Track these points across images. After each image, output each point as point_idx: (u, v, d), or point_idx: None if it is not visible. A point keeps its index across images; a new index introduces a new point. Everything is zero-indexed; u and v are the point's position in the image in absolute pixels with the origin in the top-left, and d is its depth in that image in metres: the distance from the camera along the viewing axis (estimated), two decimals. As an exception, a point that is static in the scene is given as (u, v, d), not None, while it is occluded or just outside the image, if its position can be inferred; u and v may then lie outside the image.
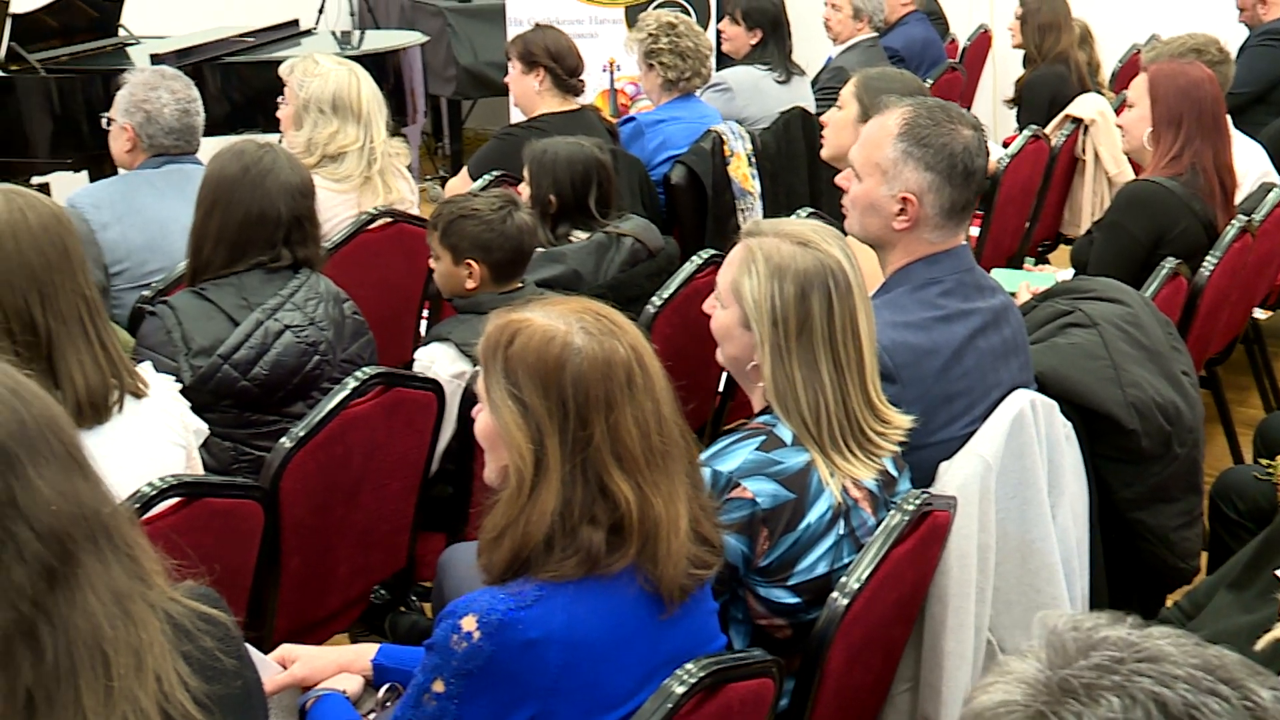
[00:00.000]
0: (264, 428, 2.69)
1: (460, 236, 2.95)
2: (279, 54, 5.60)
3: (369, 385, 2.55)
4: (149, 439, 2.23)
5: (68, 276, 2.13)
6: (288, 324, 2.70)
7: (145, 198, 3.38)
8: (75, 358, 2.12)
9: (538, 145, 3.47)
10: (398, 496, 2.77)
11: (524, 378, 1.72)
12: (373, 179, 3.71)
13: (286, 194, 2.75)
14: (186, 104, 3.51)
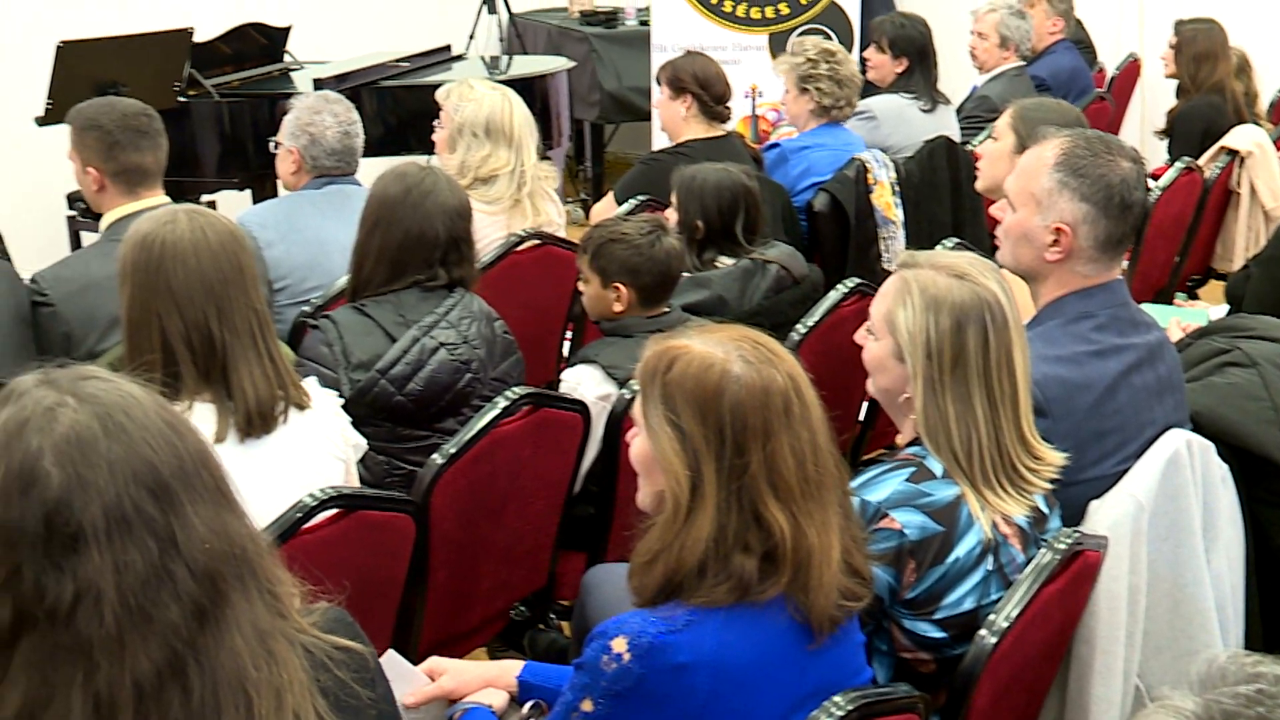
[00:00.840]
0: (416, 443, 2.73)
1: (609, 260, 2.97)
2: (432, 78, 5.71)
3: (518, 405, 2.57)
4: (311, 450, 2.28)
5: (242, 292, 2.19)
6: (443, 341, 2.74)
7: (307, 217, 3.47)
8: (247, 370, 2.18)
9: (686, 171, 3.48)
10: (541, 515, 2.79)
11: (682, 404, 1.72)
12: (522, 202, 3.76)
13: (445, 215, 2.80)
14: (347, 127, 3.60)
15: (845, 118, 4.60)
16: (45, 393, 1.25)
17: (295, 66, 5.97)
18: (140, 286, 2.16)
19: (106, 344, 2.91)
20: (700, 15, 6.53)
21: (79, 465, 1.21)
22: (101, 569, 1.19)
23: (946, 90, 5.20)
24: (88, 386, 1.26)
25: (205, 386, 2.19)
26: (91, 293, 2.97)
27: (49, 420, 1.22)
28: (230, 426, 2.17)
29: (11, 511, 1.20)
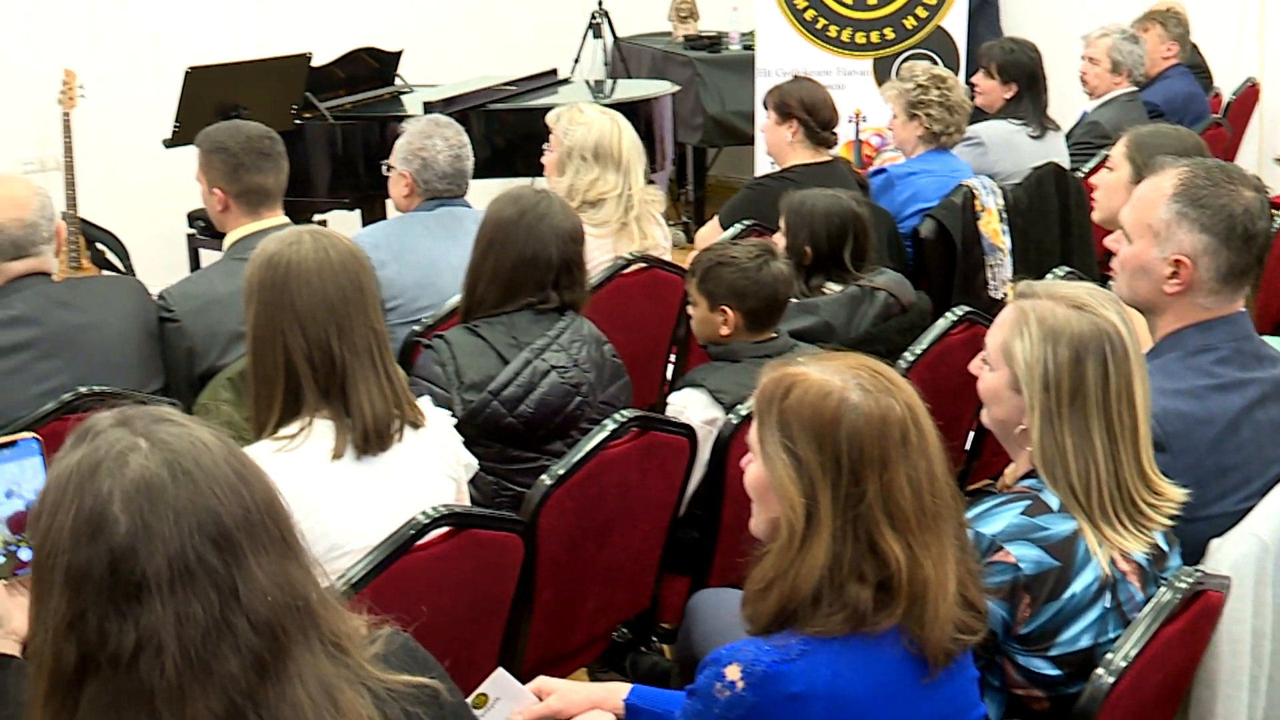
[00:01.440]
0: (525, 464, 2.74)
1: (717, 283, 2.97)
2: (539, 102, 5.76)
3: (626, 427, 2.57)
4: (424, 469, 2.29)
5: (361, 311, 2.22)
6: (554, 364, 2.75)
7: (419, 239, 3.51)
8: (365, 388, 2.21)
9: (795, 196, 3.47)
10: (646, 538, 2.78)
11: (799, 431, 1.71)
12: (629, 225, 3.77)
13: (558, 239, 2.81)
14: (458, 149, 3.63)
15: (953, 144, 4.55)
16: (120, 434, 1.25)
17: (406, 90, 6.05)
18: (266, 304, 2.20)
19: (227, 359, 2.97)
20: (805, 40, 6.50)
21: (146, 513, 1.20)
22: (163, 619, 1.19)
23: (1056, 116, 5.13)
24: (161, 430, 1.26)
25: (325, 404, 2.21)
26: (214, 309, 3.03)
27: (120, 464, 1.22)
28: (348, 443, 2.19)
29: (80, 555, 1.20)
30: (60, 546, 1.21)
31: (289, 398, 2.22)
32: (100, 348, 2.89)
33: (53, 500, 1.23)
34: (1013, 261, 4.43)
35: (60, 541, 1.21)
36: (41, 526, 1.23)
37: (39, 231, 2.88)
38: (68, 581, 1.20)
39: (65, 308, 2.87)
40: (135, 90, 5.94)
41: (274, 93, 5.11)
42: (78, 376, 2.79)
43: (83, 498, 1.21)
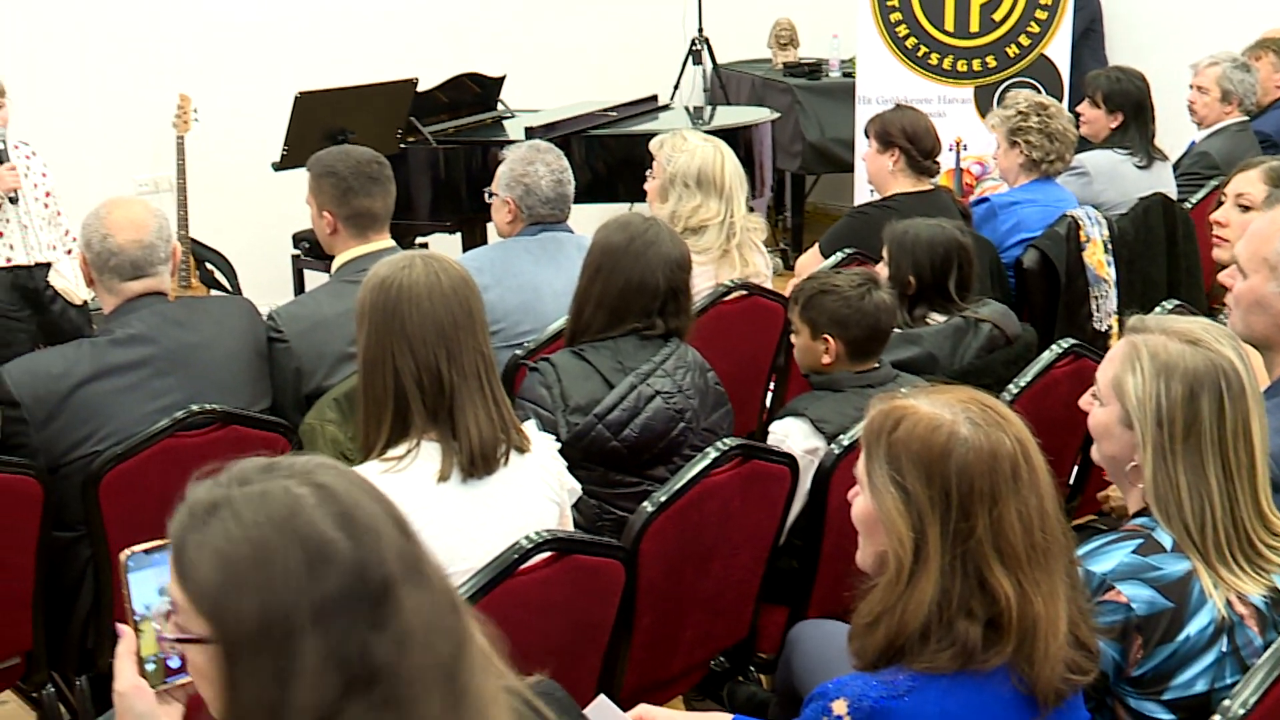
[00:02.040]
0: (627, 489, 2.75)
1: (819, 311, 2.96)
2: (639, 127, 5.80)
3: (729, 455, 2.56)
4: (529, 493, 2.31)
5: (470, 335, 2.25)
6: (658, 390, 2.76)
7: (522, 263, 3.54)
8: (472, 412, 2.23)
9: (899, 226, 3.45)
10: (746, 567, 2.77)
11: (908, 464, 1.69)
12: (731, 252, 3.77)
13: (666, 266, 2.83)
14: (560, 175, 3.66)
15: (1057, 173, 4.49)
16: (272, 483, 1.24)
17: (507, 115, 6.12)
18: (377, 326, 2.23)
19: (333, 380, 3.01)
20: (905, 68, 6.47)
21: (356, 524, 1.21)
22: (413, 611, 1.20)
23: (1164, 146, 5.04)
24: (283, 466, 1.27)
25: (432, 426, 2.24)
26: (321, 330, 3.08)
27: (299, 497, 1.22)
28: (454, 466, 2.21)
29: (324, 583, 1.18)
30: (298, 587, 1.18)
31: (397, 419, 2.25)
32: (212, 366, 2.94)
33: (254, 562, 1.19)
34: (1118, 294, 4.36)
35: (296, 583, 1.18)
36: (252, 592, 1.19)
37: (156, 252, 2.95)
38: (319, 617, 1.18)
39: (180, 327, 2.93)
40: (245, 115, 6.07)
41: (380, 117, 5.20)
42: (190, 394, 2.85)
43: (294, 536, 1.20)
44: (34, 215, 4.64)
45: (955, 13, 6.35)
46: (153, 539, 1.56)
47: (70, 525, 2.76)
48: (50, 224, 4.73)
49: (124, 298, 2.93)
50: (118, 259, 2.89)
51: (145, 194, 5.89)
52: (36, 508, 2.67)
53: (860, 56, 6.49)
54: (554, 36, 7.23)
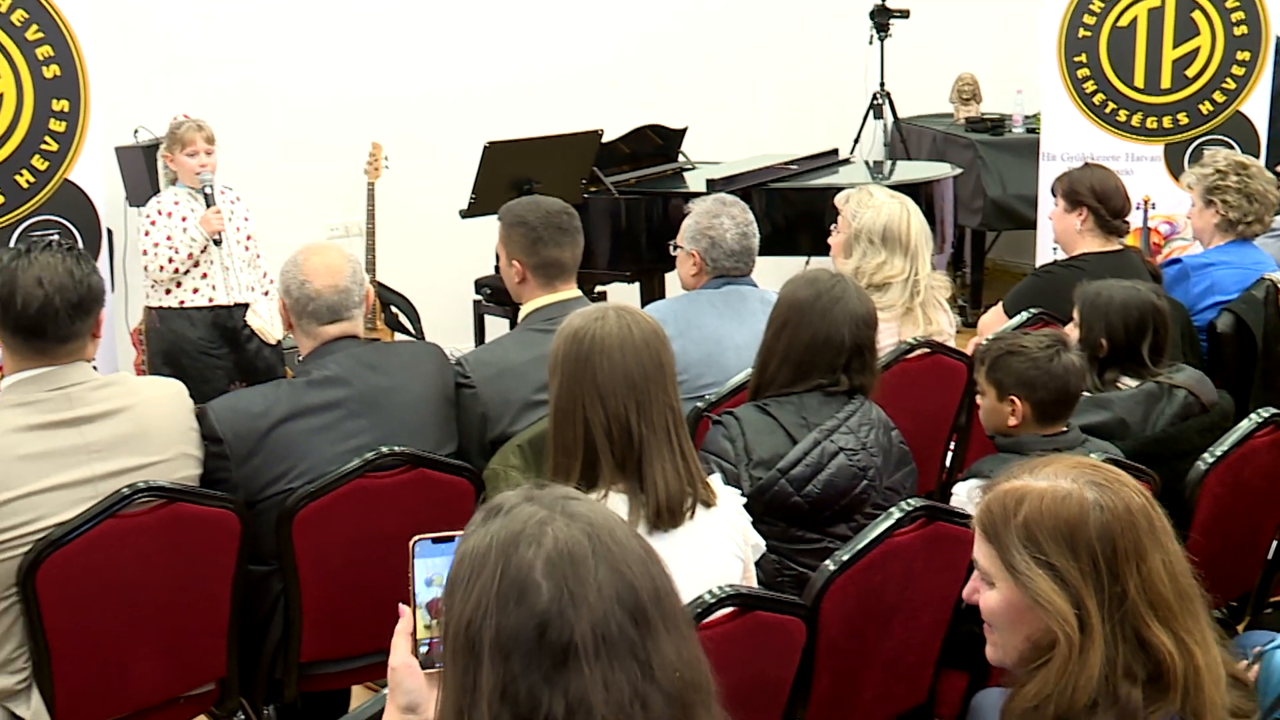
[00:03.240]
0: (808, 545, 2.73)
1: (1006, 372, 2.92)
2: (820, 181, 5.80)
3: (913, 516, 2.53)
4: (713, 547, 2.32)
5: (660, 387, 2.27)
6: (842, 446, 2.75)
7: (705, 316, 3.57)
8: (660, 464, 2.25)
9: (1091, 287, 3.38)
10: (927, 630, 2.73)
11: (1049, 542, 1.66)
12: (914, 310, 3.74)
13: (852, 322, 2.82)
14: (744, 229, 3.68)
15: (1255, 234, 4.35)
16: (533, 508, 1.29)
17: (689, 166, 6.19)
18: (569, 377, 2.27)
19: (518, 426, 3.07)
20: (1093, 124, 6.34)
21: (569, 581, 1.23)
22: (592, 686, 1.21)
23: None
24: (572, 505, 1.30)
25: (620, 477, 2.26)
26: (508, 377, 3.14)
27: (539, 533, 1.26)
28: (640, 518, 2.23)
29: (508, 619, 1.23)
30: (487, 611, 1.24)
31: (586, 469, 2.28)
32: (402, 410, 3.02)
33: (473, 569, 1.27)
34: (1319, 361, 4.19)
35: (486, 606, 1.24)
36: (461, 595, 1.26)
37: (351, 297, 3.05)
38: (496, 647, 1.23)
39: (373, 370, 3.02)
40: (433, 162, 6.26)
41: (565, 167, 5.31)
42: (380, 436, 2.93)
43: (506, 564, 1.24)
44: (236, 257, 4.85)
45: (1146, 69, 6.21)
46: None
47: (264, 559, 2.86)
48: (250, 266, 4.94)
49: (320, 340, 3.03)
50: (315, 304, 3.00)
51: (336, 238, 6.11)
52: (234, 541, 2.78)
53: (1045, 112, 6.38)
54: (735, 89, 7.30)
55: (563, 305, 3.26)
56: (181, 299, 4.80)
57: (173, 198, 4.83)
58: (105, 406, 2.67)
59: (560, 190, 4.41)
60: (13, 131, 4.47)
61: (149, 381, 2.92)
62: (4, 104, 4.45)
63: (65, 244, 2.75)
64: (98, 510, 2.57)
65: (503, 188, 5.07)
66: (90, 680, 2.67)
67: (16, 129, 4.48)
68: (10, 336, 2.64)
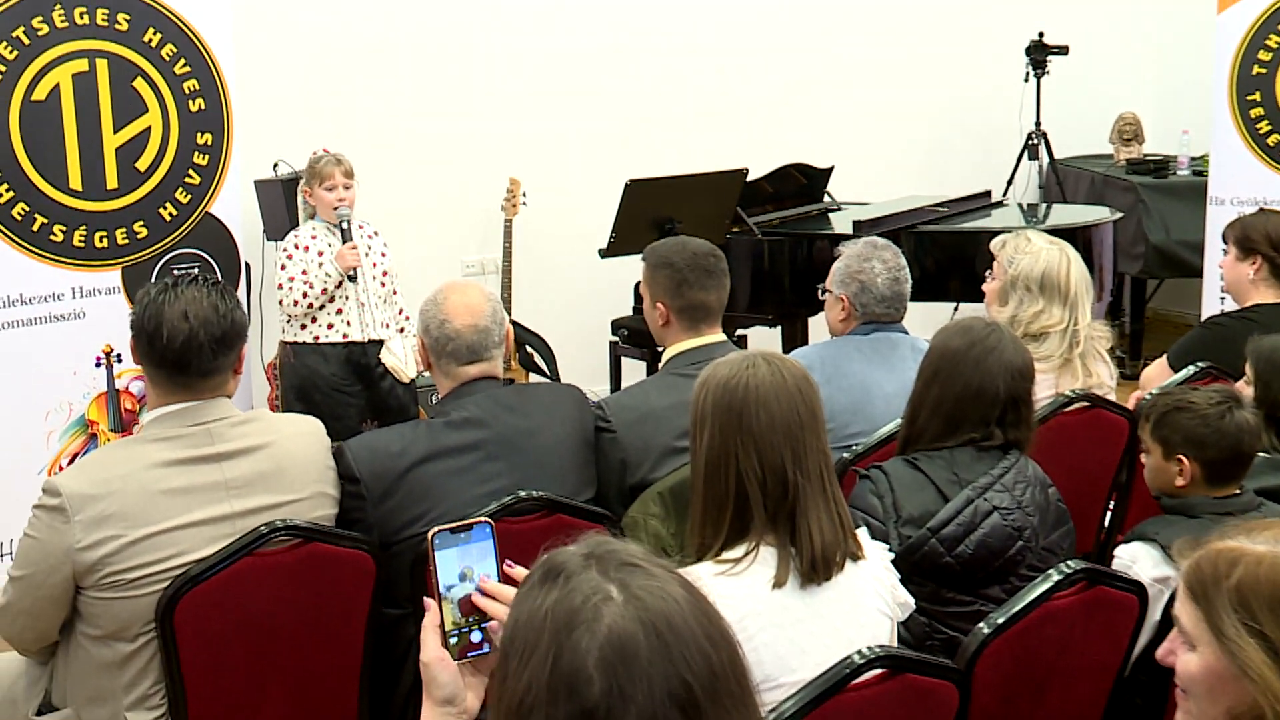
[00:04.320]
0: (959, 607, 2.69)
1: (1173, 430, 2.86)
2: (971, 224, 5.75)
3: (1072, 579, 2.48)
4: (862, 604, 2.30)
5: (814, 436, 2.27)
6: (996, 505, 2.71)
7: (853, 363, 3.55)
8: (815, 514, 2.24)
9: (1266, 340, 3.29)
10: (1086, 700, 2.67)
11: (1263, 609, 1.61)
12: (1073, 361, 3.68)
13: (1007, 373, 2.78)
14: (896, 273, 3.67)
15: None
16: (593, 580, 1.28)
17: (834, 207, 6.18)
18: (721, 427, 2.27)
19: (658, 473, 3.08)
20: (1266, 167, 6.18)
21: (620, 676, 1.22)
22: None
23: None
24: (634, 581, 1.28)
25: (772, 530, 2.26)
26: (649, 422, 3.16)
27: (595, 616, 1.25)
28: (791, 571, 2.23)
29: (556, 711, 1.23)
30: (537, 700, 1.24)
31: (736, 521, 2.28)
32: (541, 453, 3.05)
33: (526, 645, 1.27)
34: None
35: (537, 694, 1.24)
36: (514, 671, 1.28)
37: (491, 336, 3.09)
38: None
39: (512, 412, 3.06)
40: (571, 200, 6.34)
41: (708, 207, 5.33)
42: (518, 480, 2.96)
43: (559, 651, 1.25)
44: (371, 293, 4.97)
45: (1326, 108, 6.05)
46: None
47: (398, 603, 2.90)
48: (386, 302, 5.05)
49: (459, 381, 3.08)
50: (455, 344, 3.05)
51: (472, 275, 6.22)
52: (369, 582, 2.83)
53: (1214, 154, 6.24)
54: (883, 127, 7.28)
55: (708, 349, 3.27)
56: (316, 334, 4.93)
57: (310, 232, 4.97)
58: (245, 443, 2.75)
59: (703, 230, 4.44)
60: (158, 165, 4.64)
61: (288, 418, 2.99)
62: (151, 138, 4.62)
63: (209, 279, 2.83)
64: (236, 548, 2.64)
65: (644, 227, 5.12)
66: (223, 719, 2.74)
67: (162, 162, 4.65)
68: (154, 370, 2.73)
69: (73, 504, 2.57)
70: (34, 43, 4.35)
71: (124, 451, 2.71)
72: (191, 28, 4.68)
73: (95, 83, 4.49)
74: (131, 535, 2.59)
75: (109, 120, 4.53)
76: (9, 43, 4.30)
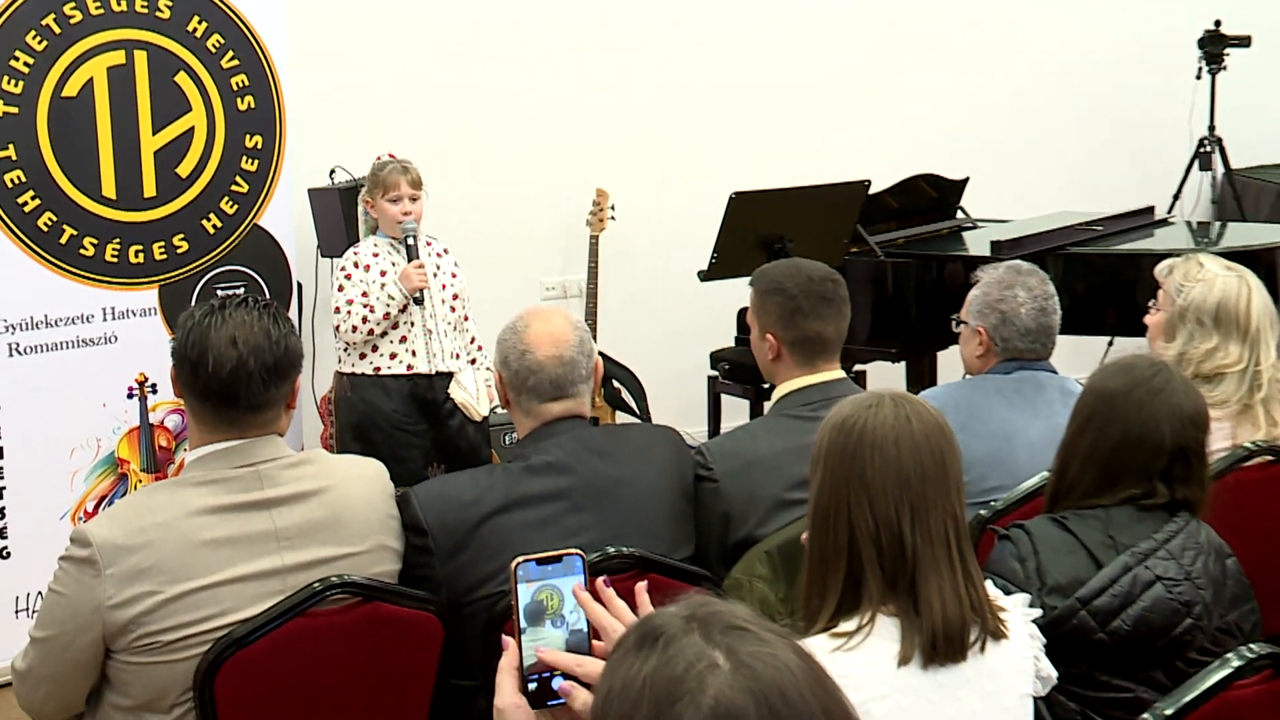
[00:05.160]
0: (1115, 693, 2.67)
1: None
2: (1131, 246, 5.70)
3: (1256, 666, 2.44)
4: (1004, 684, 2.28)
5: (942, 493, 2.26)
6: (1160, 575, 2.68)
7: (992, 406, 3.54)
8: (937, 583, 2.23)
9: None
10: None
11: None
12: (1253, 407, 3.62)
13: (1175, 420, 2.76)
14: (1043, 303, 3.65)
15: None
16: (696, 645, 1.28)
17: (968, 224, 6.16)
18: (833, 473, 2.29)
19: (766, 529, 3.09)
20: None
21: None
22: None
23: None
24: (743, 648, 1.28)
25: (890, 596, 2.25)
26: (756, 471, 3.17)
27: (700, 687, 1.25)
28: (915, 647, 2.22)
29: None
30: None
31: (849, 584, 2.28)
32: (632, 504, 3.07)
33: (622, 718, 1.29)
34: None
35: None
36: None
37: (578, 370, 3.12)
38: None
39: (601, 457, 3.09)
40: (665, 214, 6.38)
41: (824, 224, 5.34)
42: (606, 533, 2.98)
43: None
44: (440, 319, 5.02)
45: None
46: None
47: (468, 672, 2.93)
48: (456, 329, 5.10)
49: (541, 420, 3.11)
50: (537, 378, 3.08)
51: (551, 299, 6.28)
52: (435, 648, 2.86)
53: None
54: (1027, 133, 7.24)
55: (824, 388, 3.28)
56: (377, 365, 4.99)
57: (371, 249, 5.04)
58: (298, 488, 2.79)
59: (818, 250, 4.45)
60: (202, 170, 4.75)
61: (347, 461, 3.03)
62: (194, 140, 4.72)
63: (261, 300, 2.87)
64: (286, 606, 2.68)
65: (750, 246, 5.13)
66: (268, 800, 2.77)
67: (206, 167, 4.76)
68: (199, 403, 2.78)
69: (104, 555, 2.62)
70: (65, 32, 4.47)
71: (162, 496, 2.75)
72: (241, 16, 4.79)
73: (133, 77, 4.61)
74: (170, 591, 2.64)
75: (147, 120, 4.64)
76: (38, 32, 4.42)
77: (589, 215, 6.06)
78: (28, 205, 4.44)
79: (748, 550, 3.02)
